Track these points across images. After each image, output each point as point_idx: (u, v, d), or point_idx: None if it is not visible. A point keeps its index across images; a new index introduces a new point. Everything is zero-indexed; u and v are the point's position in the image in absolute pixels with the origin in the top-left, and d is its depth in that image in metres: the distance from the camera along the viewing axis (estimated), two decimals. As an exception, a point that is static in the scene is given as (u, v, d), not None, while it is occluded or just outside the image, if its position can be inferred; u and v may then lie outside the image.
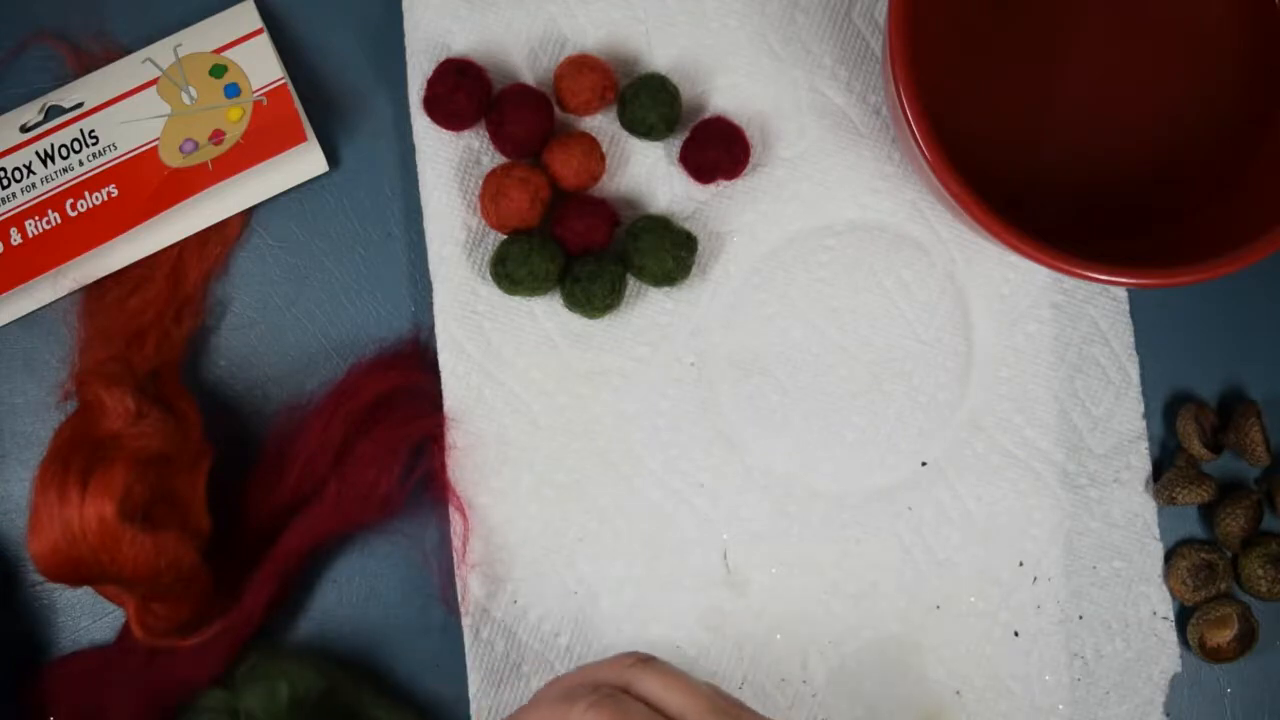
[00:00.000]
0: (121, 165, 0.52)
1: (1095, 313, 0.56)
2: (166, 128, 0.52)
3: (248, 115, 0.52)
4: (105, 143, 0.52)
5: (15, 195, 0.52)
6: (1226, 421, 0.56)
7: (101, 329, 0.51)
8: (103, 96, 0.53)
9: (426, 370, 0.53)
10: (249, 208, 0.54)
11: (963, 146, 0.48)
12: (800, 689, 0.53)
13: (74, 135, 0.52)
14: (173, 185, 0.51)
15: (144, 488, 0.47)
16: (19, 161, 0.52)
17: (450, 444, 0.52)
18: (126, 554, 0.46)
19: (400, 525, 0.53)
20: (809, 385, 0.54)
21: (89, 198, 0.51)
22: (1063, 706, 0.53)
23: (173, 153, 0.51)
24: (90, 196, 0.51)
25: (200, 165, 0.51)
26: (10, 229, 0.51)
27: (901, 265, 0.55)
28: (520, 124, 0.52)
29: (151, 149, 0.52)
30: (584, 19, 0.55)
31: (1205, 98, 0.54)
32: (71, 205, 0.51)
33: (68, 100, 0.53)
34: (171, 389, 0.51)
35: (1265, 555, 0.54)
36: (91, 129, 0.52)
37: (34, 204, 0.52)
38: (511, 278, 0.52)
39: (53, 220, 0.51)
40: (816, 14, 0.56)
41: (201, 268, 0.53)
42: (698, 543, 0.53)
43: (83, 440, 0.47)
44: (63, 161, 0.52)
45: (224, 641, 0.50)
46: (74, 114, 0.53)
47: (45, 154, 0.52)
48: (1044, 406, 0.55)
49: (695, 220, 0.55)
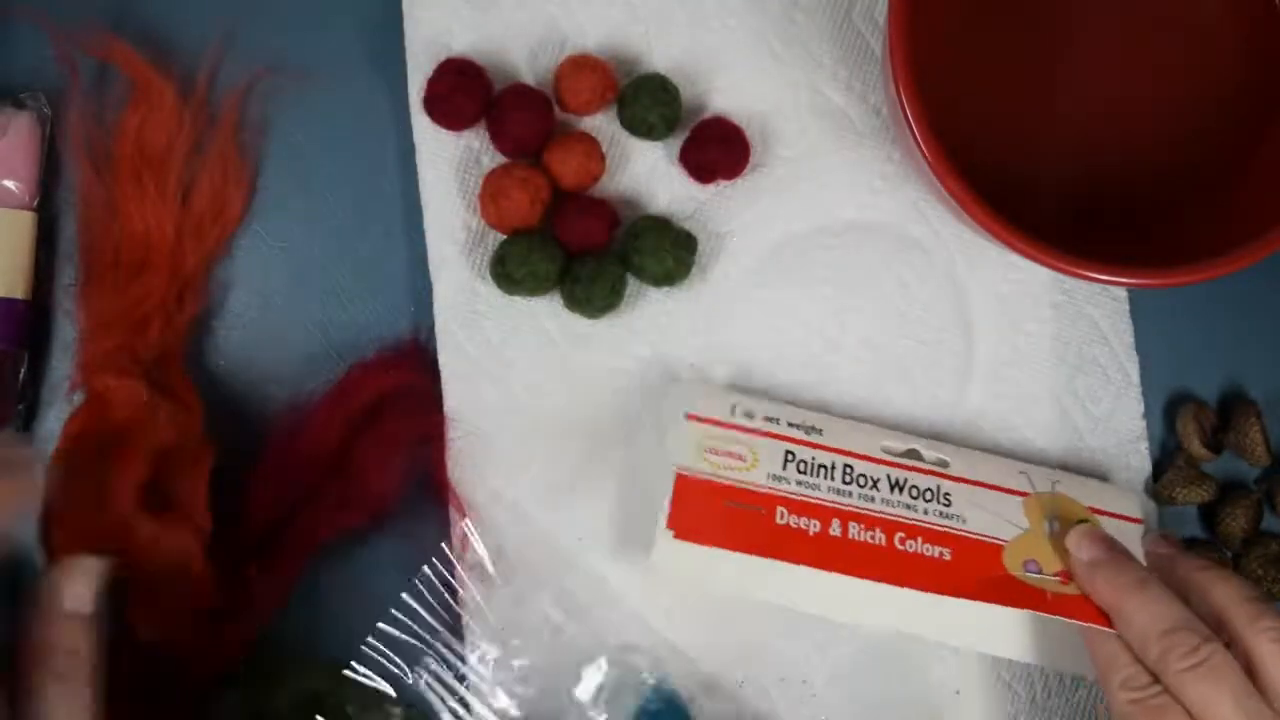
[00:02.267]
0: (964, 539, 0.50)
1: (1095, 313, 0.56)
2: (1018, 539, 0.51)
3: None
4: (956, 510, 0.51)
5: (852, 495, 0.50)
6: (1226, 421, 0.56)
7: (104, 318, 0.51)
8: (970, 472, 0.52)
9: (426, 370, 0.53)
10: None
11: (963, 146, 0.48)
12: (800, 689, 0.53)
13: (929, 485, 0.51)
14: (1006, 587, 0.50)
15: (155, 480, 0.47)
16: (870, 472, 0.51)
17: (450, 444, 0.52)
18: (138, 546, 0.46)
19: (400, 525, 0.53)
20: (809, 385, 0.54)
21: (919, 544, 0.50)
22: (1063, 707, 0.53)
23: (1016, 564, 0.50)
24: (921, 543, 0.50)
25: (1039, 590, 0.50)
26: (834, 519, 0.50)
27: (901, 265, 0.55)
28: (520, 124, 0.52)
29: (997, 547, 0.51)
30: (584, 19, 0.55)
31: (1205, 98, 0.54)
32: (901, 539, 0.50)
33: (930, 451, 0.53)
34: (175, 378, 0.51)
35: (1265, 555, 0.54)
36: (948, 492, 0.51)
37: (866, 514, 0.50)
38: (511, 278, 0.52)
39: (877, 538, 0.50)
40: (816, 14, 0.56)
41: (201, 251, 0.53)
42: (698, 543, 0.53)
43: (94, 431, 0.47)
44: (910, 499, 0.51)
45: (228, 642, 0.50)
46: (935, 468, 0.52)
47: (896, 483, 0.51)
48: (1044, 406, 0.55)
49: (695, 220, 0.55)
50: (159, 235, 0.52)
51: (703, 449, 0.50)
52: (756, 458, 0.50)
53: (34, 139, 0.53)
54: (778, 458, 0.51)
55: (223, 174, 0.54)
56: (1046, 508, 0.52)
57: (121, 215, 0.52)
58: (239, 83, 0.55)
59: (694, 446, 0.50)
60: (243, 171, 0.54)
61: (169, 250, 0.52)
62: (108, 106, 0.54)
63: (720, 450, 0.50)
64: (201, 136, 0.54)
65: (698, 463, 0.50)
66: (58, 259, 0.54)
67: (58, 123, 0.54)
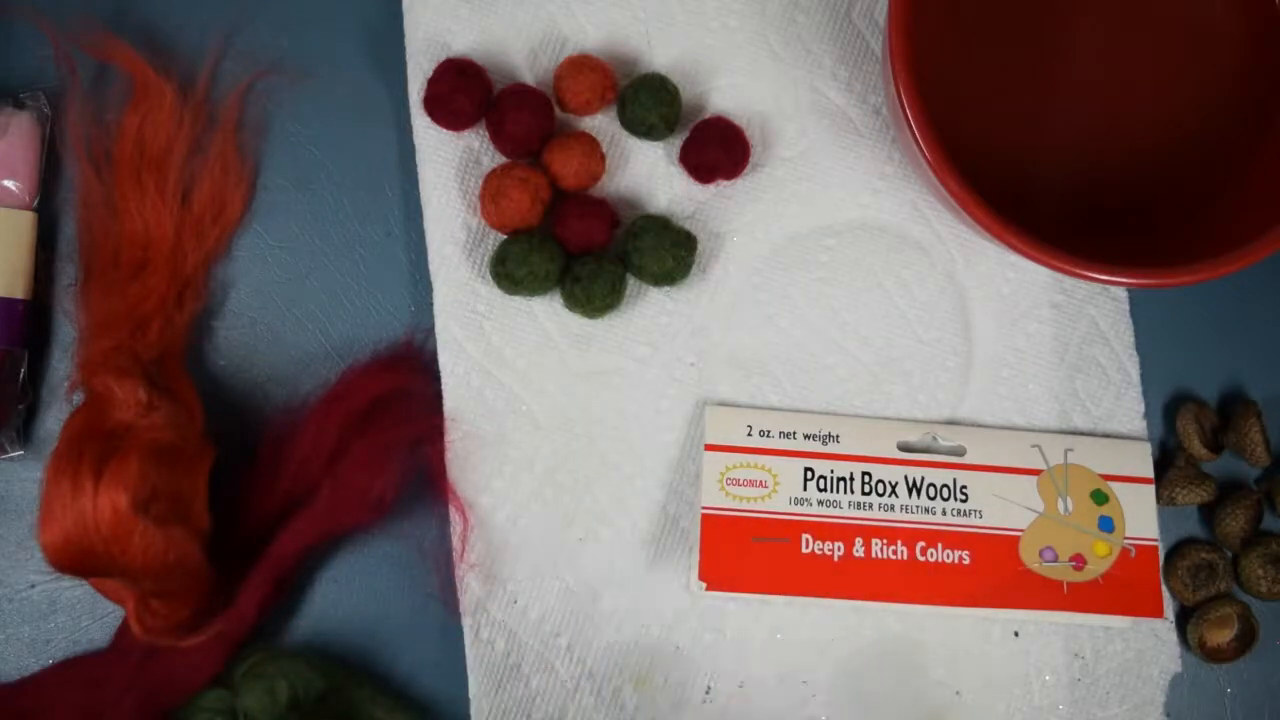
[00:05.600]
0: (982, 538, 0.51)
1: (1095, 313, 0.56)
2: (1034, 525, 0.51)
3: (1113, 558, 0.52)
4: (973, 505, 0.51)
5: (873, 506, 0.51)
6: (1226, 421, 0.56)
7: (104, 318, 0.51)
8: (986, 456, 0.52)
9: (422, 372, 0.53)
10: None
11: (963, 146, 0.48)
12: (800, 689, 0.53)
13: (946, 480, 0.51)
14: (1024, 585, 0.51)
15: (154, 480, 0.47)
16: (888, 477, 0.52)
17: (450, 444, 0.52)
18: (137, 546, 0.46)
19: (400, 525, 0.53)
20: (809, 385, 0.54)
21: (940, 551, 0.50)
22: (1063, 706, 0.53)
23: (1032, 554, 0.51)
24: (942, 550, 0.51)
25: (1056, 583, 0.50)
26: (857, 537, 0.50)
27: (901, 265, 0.55)
28: (520, 124, 0.52)
29: (1014, 539, 0.51)
30: (584, 19, 0.55)
31: (1205, 98, 0.54)
32: (922, 549, 0.50)
33: (948, 436, 0.53)
34: (175, 378, 0.51)
35: (1265, 555, 0.54)
36: (965, 484, 0.52)
37: (887, 526, 0.51)
38: (511, 278, 0.52)
39: (899, 553, 0.50)
40: (816, 14, 0.56)
41: (201, 251, 0.53)
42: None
43: (94, 431, 0.47)
44: (928, 500, 0.51)
45: (219, 643, 0.50)
46: (950, 459, 0.52)
47: (914, 484, 0.51)
48: (1044, 406, 0.55)
49: (695, 220, 0.55)
50: (159, 235, 0.52)
51: (724, 481, 0.52)
52: (777, 482, 0.52)
53: (34, 139, 0.53)
54: (797, 478, 0.52)
55: (223, 174, 0.54)
56: (1060, 484, 0.52)
57: (121, 215, 0.52)
58: (239, 83, 0.55)
59: (716, 480, 0.52)
60: (243, 171, 0.54)
61: (169, 250, 0.52)
62: (108, 106, 0.54)
63: (741, 480, 0.52)
64: (201, 136, 0.54)
65: (721, 499, 0.51)
66: (58, 259, 0.54)
67: (58, 123, 0.54)
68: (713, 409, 0.53)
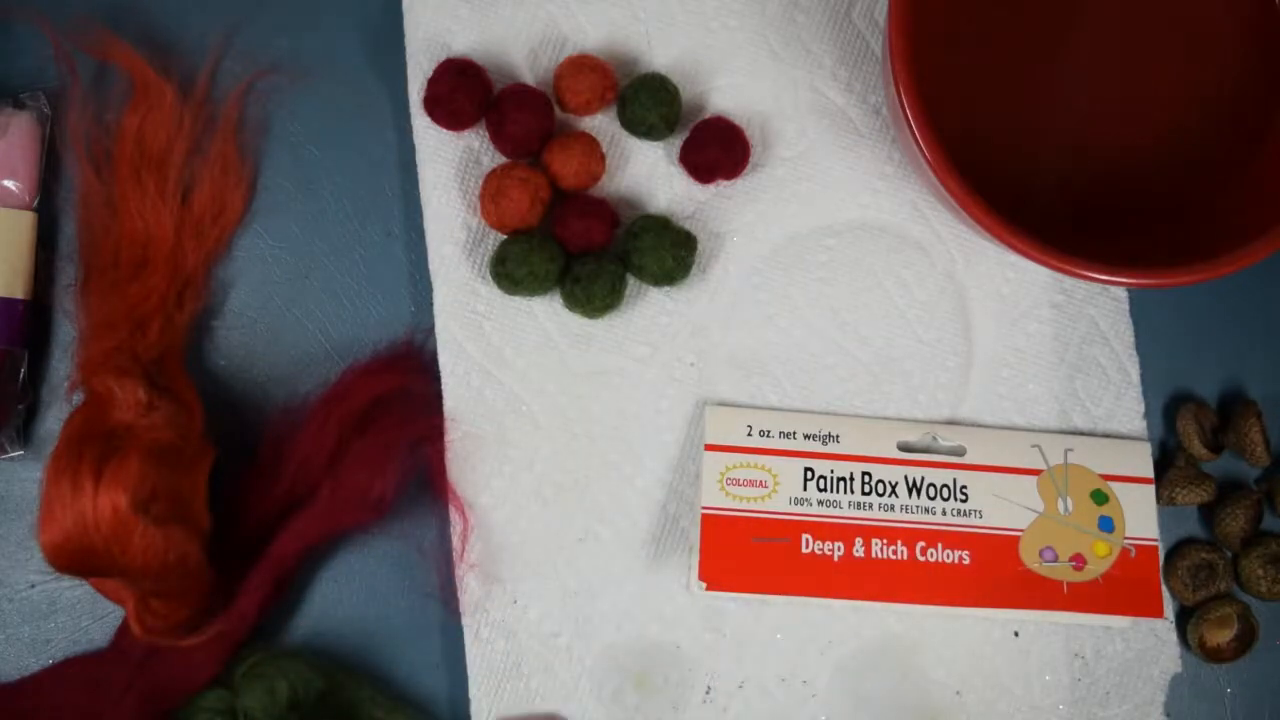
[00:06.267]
0: (981, 538, 0.51)
1: (1095, 313, 0.56)
2: (1034, 525, 0.51)
3: (1113, 558, 0.52)
4: (973, 505, 0.51)
5: (873, 506, 0.51)
6: (1226, 421, 0.56)
7: (104, 317, 0.51)
8: (986, 456, 0.53)
9: (422, 372, 0.53)
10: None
11: (963, 146, 0.48)
12: (800, 689, 0.53)
13: (946, 480, 0.52)
14: (1024, 586, 0.51)
15: (154, 480, 0.47)
16: (888, 477, 0.52)
17: (450, 444, 0.52)
18: (137, 546, 0.46)
19: (400, 525, 0.53)
20: (809, 385, 0.54)
21: (940, 551, 0.51)
22: (1063, 706, 0.53)
23: (1032, 554, 0.51)
24: (942, 550, 0.51)
25: (1056, 583, 0.51)
26: (857, 537, 0.51)
27: (901, 265, 0.55)
28: (520, 124, 0.52)
29: (1014, 538, 0.51)
30: (584, 19, 0.55)
31: (1205, 97, 0.54)
32: (922, 549, 0.51)
33: (948, 436, 0.53)
34: (175, 378, 0.51)
35: (1265, 555, 0.54)
36: (965, 484, 0.52)
37: (887, 526, 0.51)
38: (511, 278, 0.52)
39: (899, 553, 0.51)
40: (816, 14, 0.56)
41: (201, 251, 0.53)
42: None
43: (94, 431, 0.47)
44: (928, 500, 0.51)
45: (218, 643, 0.50)
46: (950, 458, 0.52)
47: (913, 484, 0.51)
48: (1044, 406, 0.55)
49: (695, 220, 0.55)
50: (159, 235, 0.52)
51: (724, 481, 0.52)
52: (777, 481, 0.52)
53: (34, 139, 0.53)
54: (797, 478, 0.52)
55: (223, 174, 0.54)
56: (1060, 484, 0.52)
57: (121, 215, 0.52)
58: (239, 83, 0.55)
59: (716, 480, 0.52)
60: (243, 171, 0.54)
61: (169, 250, 0.52)
62: (108, 106, 0.54)
63: (741, 480, 0.52)
64: (201, 136, 0.54)
65: (721, 499, 0.51)
66: (58, 259, 0.54)
67: (58, 123, 0.54)
68: (713, 409, 0.53)
